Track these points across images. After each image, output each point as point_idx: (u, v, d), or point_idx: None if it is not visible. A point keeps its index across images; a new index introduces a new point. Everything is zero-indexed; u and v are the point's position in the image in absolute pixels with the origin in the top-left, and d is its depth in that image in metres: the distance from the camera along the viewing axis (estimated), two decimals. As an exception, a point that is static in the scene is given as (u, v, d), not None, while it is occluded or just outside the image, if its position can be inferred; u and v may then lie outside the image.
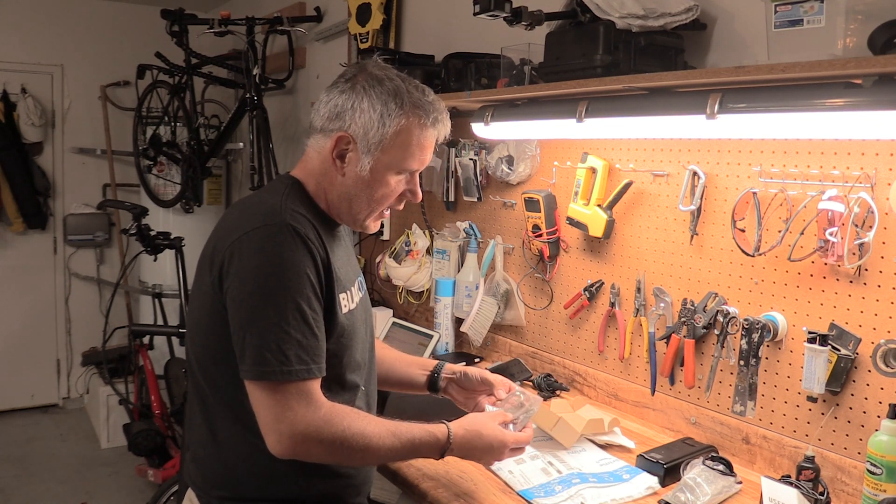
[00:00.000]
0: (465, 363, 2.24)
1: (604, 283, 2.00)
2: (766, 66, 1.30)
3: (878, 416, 1.37)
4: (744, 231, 1.60)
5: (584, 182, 1.96)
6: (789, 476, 1.42)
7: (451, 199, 2.53)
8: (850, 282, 1.44)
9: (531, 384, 2.08)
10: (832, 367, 1.43)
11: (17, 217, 4.48)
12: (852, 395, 1.44)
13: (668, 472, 1.52)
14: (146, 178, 4.05)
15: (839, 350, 1.43)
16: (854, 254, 1.42)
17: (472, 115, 2.11)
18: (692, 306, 1.72)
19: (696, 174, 1.70)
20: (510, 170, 2.21)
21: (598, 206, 1.93)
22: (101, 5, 4.68)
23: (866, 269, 1.42)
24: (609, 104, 1.68)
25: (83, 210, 4.68)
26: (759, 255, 1.57)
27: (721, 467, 1.47)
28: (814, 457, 1.40)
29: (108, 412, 4.13)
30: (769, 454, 1.59)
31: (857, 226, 1.40)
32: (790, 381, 1.56)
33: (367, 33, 2.91)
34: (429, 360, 1.67)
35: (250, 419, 1.23)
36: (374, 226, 1.41)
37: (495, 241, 2.33)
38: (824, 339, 1.42)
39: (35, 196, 4.53)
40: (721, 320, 1.63)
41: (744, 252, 1.58)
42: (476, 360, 2.35)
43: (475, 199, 2.41)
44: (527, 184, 2.23)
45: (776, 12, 1.34)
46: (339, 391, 1.32)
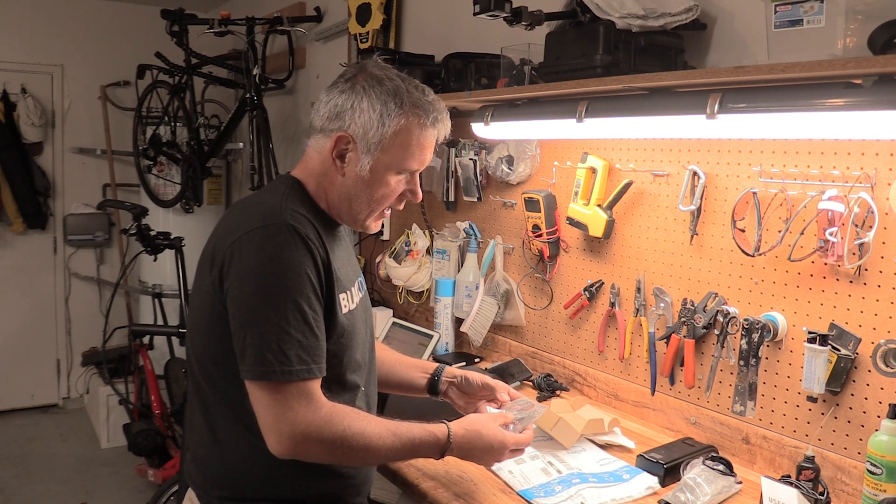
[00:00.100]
0: (465, 363, 2.26)
1: (604, 283, 2.00)
2: (766, 66, 1.30)
3: (878, 416, 1.37)
4: (744, 231, 1.60)
5: (584, 182, 1.96)
6: (789, 476, 1.42)
7: (451, 199, 2.53)
8: (850, 282, 1.44)
9: (531, 384, 2.08)
10: (832, 367, 1.43)
11: (17, 217, 4.48)
12: (852, 395, 1.44)
13: (668, 472, 1.52)
14: (146, 178, 4.05)
15: (839, 350, 1.43)
16: (854, 254, 1.42)
17: (472, 115, 2.11)
18: (692, 306, 1.72)
19: (696, 174, 1.70)
20: (510, 170, 2.21)
21: (598, 206, 1.93)
22: (101, 5, 4.68)
23: (866, 269, 1.42)
24: (609, 104, 1.68)
25: (83, 210, 4.68)
26: (759, 255, 1.57)
27: (721, 467, 1.47)
28: (814, 457, 1.40)
29: (108, 412, 4.13)
30: (769, 454, 1.59)
31: (857, 226, 1.40)
32: (790, 381, 1.56)
33: (367, 33, 2.91)
34: (429, 363, 1.67)
35: (250, 419, 1.23)
36: (376, 226, 1.41)
37: (495, 241, 2.33)
38: (824, 339, 1.42)
39: (35, 196, 4.53)
40: (721, 320, 1.63)
41: (744, 252, 1.58)
42: (476, 360, 2.35)
43: (475, 199, 2.41)
44: (527, 184, 2.23)
45: (776, 12, 1.34)
46: (340, 391, 1.32)
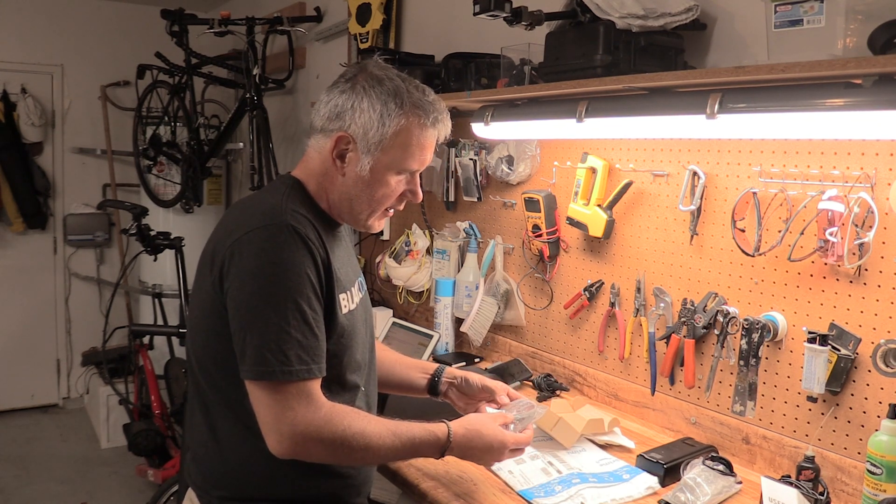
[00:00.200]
0: (465, 363, 2.26)
1: (604, 283, 2.00)
2: (766, 66, 1.30)
3: (878, 416, 1.37)
4: (744, 231, 1.60)
5: (584, 182, 1.96)
6: (789, 476, 1.42)
7: (451, 199, 2.53)
8: (850, 282, 1.44)
9: (531, 384, 2.08)
10: (832, 367, 1.43)
11: (17, 217, 4.48)
12: (852, 395, 1.44)
13: (668, 472, 1.52)
14: (146, 178, 4.05)
15: (839, 350, 1.43)
16: (854, 254, 1.42)
17: (472, 115, 2.11)
18: (692, 306, 1.72)
19: (696, 174, 1.70)
20: (510, 170, 2.21)
21: (598, 206, 1.93)
22: (101, 5, 4.68)
23: (866, 269, 1.42)
24: (609, 104, 1.68)
25: (83, 210, 4.68)
26: (759, 255, 1.57)
27: (721, 467, 1.47)
28: (814, 457, 1.40)
29: (108, 412, 4.13)
30: (769, 454, 1.59)
31: (857, 226, 1.40)
32: (790, 381, 1.56)
33: (367, 33, 2.91)
34: (429, 364, 1.67)
35: (251, 419, 1.23)
36: (378, 225, 1.41)
37: (495, 241, 2.33)
38: (824, 339, 1.42)
39: (35, 196, 4.53)
40: (721, 320, 1.63)
41: (744, 252, 1.58)
42: (476, 360, 2.35)
43: (475, 199, 2.41)
44: (527, 184, 2.23)
45: (776, 12, 1.34)
46: (340, 391, 1.32)
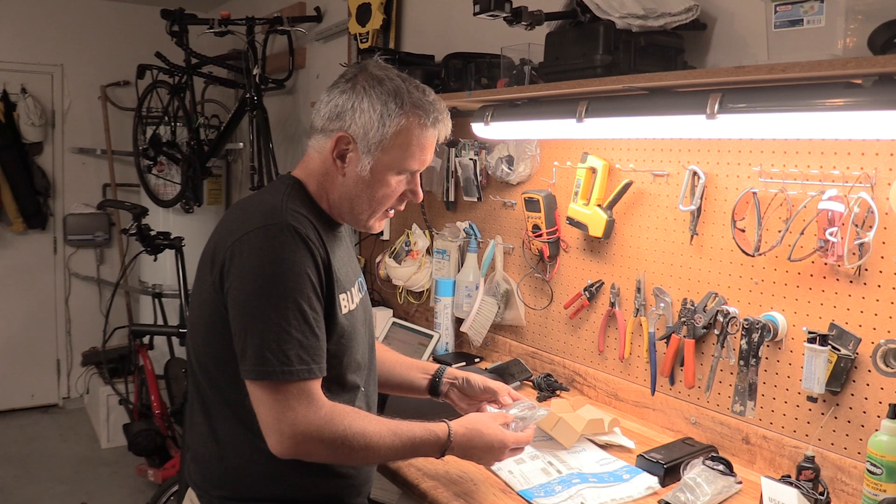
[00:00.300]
0: (465, 363, 2.26)
1: (604, 283, 2.00)
2: (766, 66, 1.30)
3: (878, 416, 1.37)
4: (744, 231, 1.60)
5: (584, 182, 1.96)
6: (789, 476, 1.42)
7: (451, 199, 2.53)
8: (850, 282, 1.44)
9: (531, 384, 2.08)
10: (832, 367, 1.43)
11: (17, 217, 4.48)
12: (852, 395, 1.44)
13: (668, 472, 1.52)
14: (146, 178, 4.05)
15: (839, 350, 1.43)
16: (854, 254, 1.42)
17: (472, 115, 2.11)
18: (692, 306, 1.72)
19: (696, 174, 1.70)
20: (510, 170, 2.21)
21: (598, 206, 1.93)
22: (101, 5, 4.68)
23: (866, 269, 1.42)
24: (609, 104, 1.68)
25: (83, 210, 4.68)
26: (759, 255, 1.57)
27: (721, 467, 1.47)
28: (814, 457, 1.40)
29: (108, 412, 4.13)
30: (769, 454, 1.59)
31: (857, 226, 1.40)
32: (790, 381, 1.56)
33: (367, 33, 2.91)
34: (430, 364, 1.66)
35: (251, 419, 1.23)
36: (378, 225, 1.41)
37: (495, 241, 2.33)
38: (824, 339, 1.42)
39: (35, 196, 4.53)
40: (721, 320, 1.63)
41: (744, 252, 1.58)
42: (476, 360, 2.35)
43: (475, 199, 2.41)
44: (527, 184, 2.23)
45: (776, 12, 1.34)
46: (339, 392, 1.32)
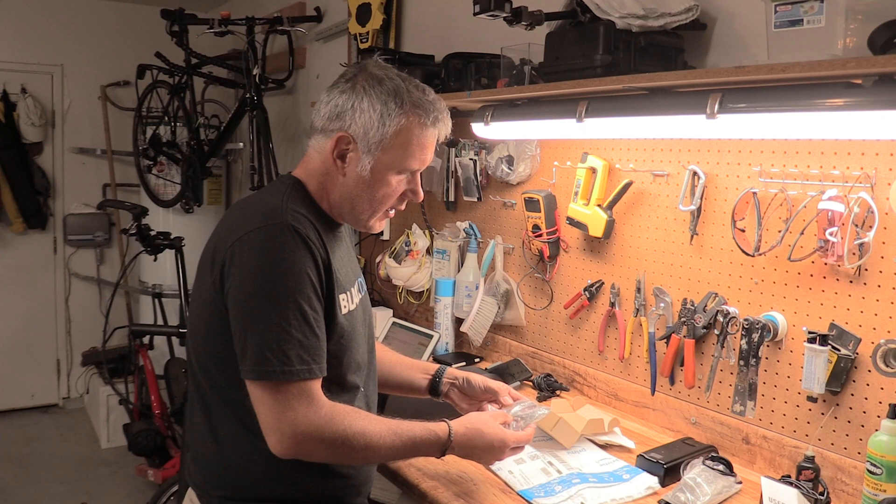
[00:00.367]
0: (465, 363, 2.26)
1: (604, 283, 2.00)
2: (766, 66, 1.30)
3: (878, 416, 1.37)
4: (744, 231, 1.60)
5: (584, 182, 1.96)
6: (789, 476, 1.42)
7: (451, 199, 2.53)
8: (850, 282, 1.45)
9: (531, 384, 2.08)
10: (832, 367, 1.43)
11: (17, 217, 4.48)
12: (852, 395, 1.44)
13: (668, 472, 1.52)
14: (146, 178, 4.05)
15: (839, 350, 1.43)
16: (854, 254, 1.42)
17: (472, 115, 2.11)
18: (692, 306, 1.72)
19: (696, 174, 1.70)
20: (510, 170, 2.21)
21: (598, 206, 1.93)
22: (101, 5, 4.68)
23: (866, 269, 1.42)
24: (609, 104, 1.68)
25: (83, 210, 4.68)
26: (759, 255, 1.57)
27: (721, 467, 1.47)
28: (814, 457, 1.40)
29: (108, 412, 4.13)
30: (769, 454, 1.59)
31: (857, 226, 1.40)
32: (790, 381, 1.56)
33: (367, 33, 2.91)
34: (430, 364, 1.66)
35: (251, 419, 1.23)
36: (379, 225, 1.41)
37: (495, 241, 2.33)
38: (824, 339, 1.42)
39: (35, 196, 4.53)
40: (721, 320, 1.63)
41: (744, 252, 1.58)
42: (476, 360, 2.35)
43: (475, 199, 2.41)
44: (527, 184, 2.23)
45: (776, 12, 1.34)
46: (339, 392, 1.32)
